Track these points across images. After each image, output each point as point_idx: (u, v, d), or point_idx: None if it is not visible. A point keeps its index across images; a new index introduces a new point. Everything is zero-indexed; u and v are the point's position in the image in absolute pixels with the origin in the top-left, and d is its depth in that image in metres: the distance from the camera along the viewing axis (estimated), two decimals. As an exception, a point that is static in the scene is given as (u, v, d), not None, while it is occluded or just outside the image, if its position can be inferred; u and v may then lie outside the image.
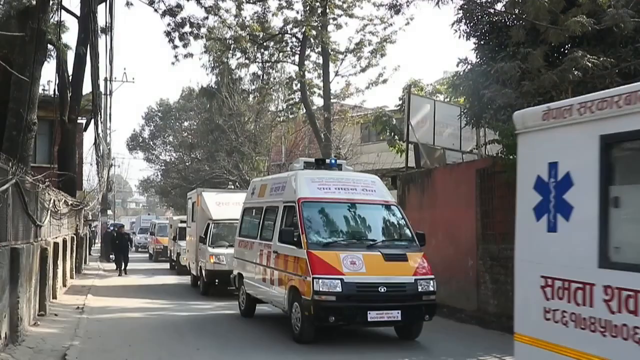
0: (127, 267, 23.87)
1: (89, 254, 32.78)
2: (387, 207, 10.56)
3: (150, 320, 12.26)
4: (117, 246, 24.55)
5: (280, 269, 10.10)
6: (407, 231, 10.25)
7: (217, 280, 16.01)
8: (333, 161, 11.51)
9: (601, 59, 9.70)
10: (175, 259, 24.74)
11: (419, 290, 9.19)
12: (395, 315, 9.04)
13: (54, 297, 13.49)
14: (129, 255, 24.86)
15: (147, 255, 35.76)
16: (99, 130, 23.25)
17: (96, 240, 45.68)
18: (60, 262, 14.69)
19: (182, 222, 23.83)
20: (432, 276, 9.46)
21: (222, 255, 15.52)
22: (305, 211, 9.76)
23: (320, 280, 8.82)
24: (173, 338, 10.20)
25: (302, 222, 9.58)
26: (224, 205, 16.96)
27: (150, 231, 35.46)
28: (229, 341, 9.92)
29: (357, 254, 9.20)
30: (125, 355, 8.65)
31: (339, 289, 8.80)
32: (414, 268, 9.40)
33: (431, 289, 9.31)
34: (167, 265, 27.00)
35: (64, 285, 16.26)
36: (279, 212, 10.60)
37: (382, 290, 8.98)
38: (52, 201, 12.90)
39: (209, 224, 16.58)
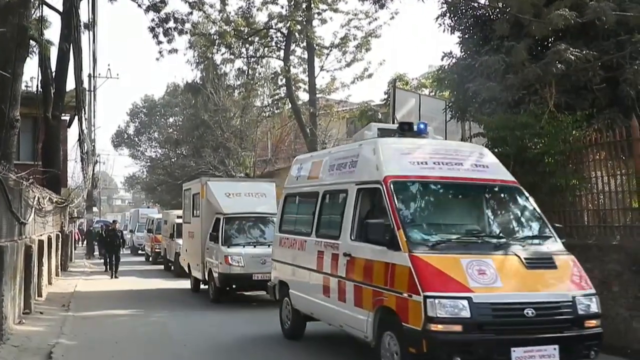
0: (119, 269, 21.18)
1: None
2: (508, 189, 7.55)
3: (140, 329, 10.96)
4: (108, 245, 21.83)
5: (357, 280, 7.14)
6: (542, 224, 7.21)
7: (233, 286, 13.81)
8: (422, 126, 8.21)
9: (584, 52, 9.83)
10: (172, 259, 21.69)
11: (579, 313, 6.23)
12: (551, 352, 5.99)
13: (39, 295, 13.40)
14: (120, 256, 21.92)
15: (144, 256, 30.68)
16: (83, 127, 23.11)
17: (81, 238, 45.28)
18: (45, 259, 14.58)
19: (179, 217, 20.90)
20: (594, 291, 6.52)
21: (239, 256, 13.39)
22: (398, 196, 6.83)
23: (436, 301, 5.85)
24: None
25: (396, 212, 6.64)
26: (235, 196, 14.93)
27: (147, 228, 30.68)
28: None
29: (485, 259, 6.29)
30: (112, 353, 8.59)
31: (466, 314, 5.85)
32: (568, 279, 6.54)
33: (594, 310, 6.34)
34: (162, 267, 24.02)
35: (50, 283, 16.14)
36: (349, 198, 7.66)
37: (530, 313, 5.99)
38: (36, 198, 12.78)
39: (218, 219, 14.34)
